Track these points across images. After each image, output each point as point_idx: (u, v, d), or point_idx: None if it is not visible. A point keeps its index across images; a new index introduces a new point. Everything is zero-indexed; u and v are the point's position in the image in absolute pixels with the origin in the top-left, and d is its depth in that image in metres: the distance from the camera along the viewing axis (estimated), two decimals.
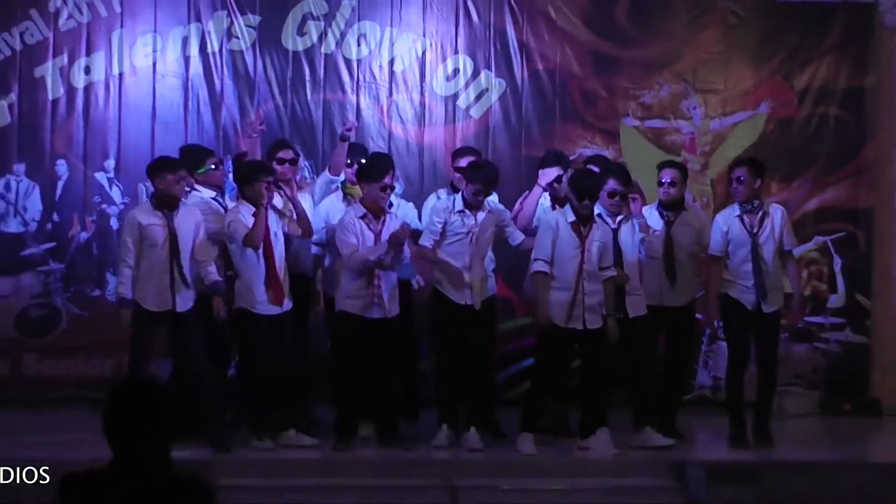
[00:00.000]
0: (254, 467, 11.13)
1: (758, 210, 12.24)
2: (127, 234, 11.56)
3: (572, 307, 11.47)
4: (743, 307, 12.27)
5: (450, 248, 11.68)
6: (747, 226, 12.23)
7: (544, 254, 11.47)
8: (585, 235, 11.45)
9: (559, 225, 11.49)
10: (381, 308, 11.54)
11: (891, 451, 13.10)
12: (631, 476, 11.35)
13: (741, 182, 12.26)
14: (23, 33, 14.09)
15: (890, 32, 15.38)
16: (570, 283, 11.45)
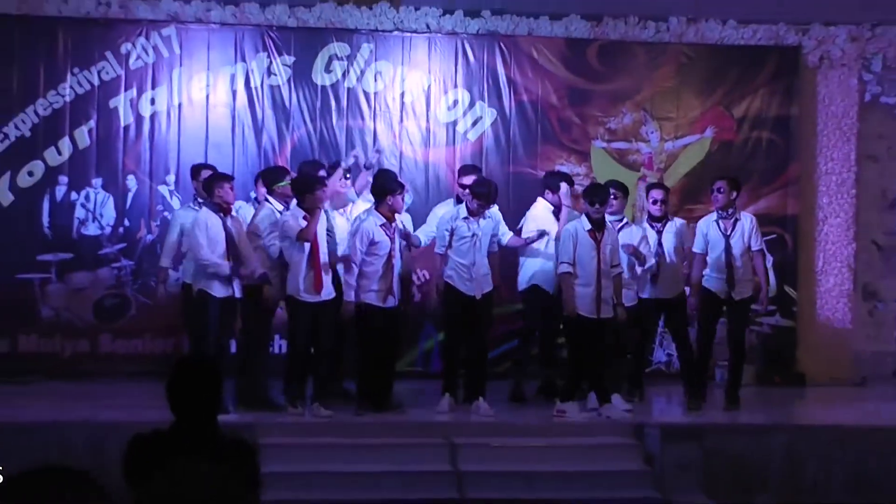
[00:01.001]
0: (290, 428, 11.13)
1: (731, 216, 12.48)
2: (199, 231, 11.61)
3: (598, 301, 11.57)
4: (716, 296, 12.46)
5: (457, 250, 11.70)
6: (722, 229, 12.46)
7: (568, 257, 11.62)
8: (600, 240, 11.61)
9: (578, 232, 11.65)
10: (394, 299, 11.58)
11: (812, 415, 13.13)
12: (599, 436, 11.37)
13: (721, 192, 12.51)
14: (100, 71, 14.06)
15: (811, 71, 15.43)
16: (591, 280, 11.59)
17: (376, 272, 11.51)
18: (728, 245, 12.42)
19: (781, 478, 11.19)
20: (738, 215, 12.58)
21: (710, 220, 12.61)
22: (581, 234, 11.62)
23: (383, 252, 11.49)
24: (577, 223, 11.79)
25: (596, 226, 11.63)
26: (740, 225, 12.49)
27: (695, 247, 12.61)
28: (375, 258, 11.49)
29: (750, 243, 12.46)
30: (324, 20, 14.60)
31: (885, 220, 15.96)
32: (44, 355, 13.79)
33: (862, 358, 15.54)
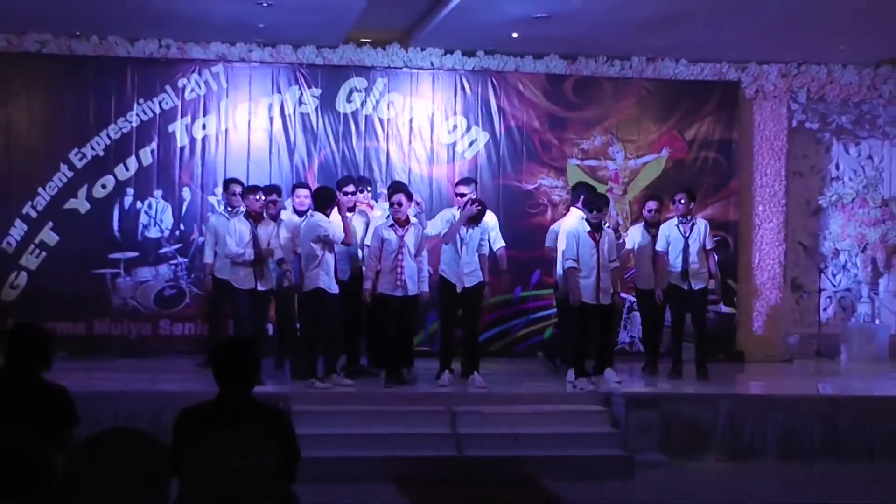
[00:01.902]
0: (317, 398, 11.11)
1: (689, 221, 12.58)
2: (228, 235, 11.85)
3: (597, 290, 11.60)
4: (679, 288, 12.54)
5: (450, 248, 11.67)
6: (682, 231, 12.54)
7: (572, 254, 11.65)
8: (598, 239, 11.63)
9: (580, 233, 11.70)
10: (402, 289, 11.54)
11: (749, 386, 13.08)
12: (575, 403, 11.33)
13: (681, 202, 12.65)
14: (161, 102, 14.07)
15: (749, 102, 15.44)
16: (591, 273, 11.60)
17: (388, 266, 11.50)
18: (686, 245, 12.48)
19: (725, 438, 11.16)
20: (694, 220, 12.67)
21: (672, 224, 12.65)
22: (582, 235, 11.67)
23: (392, 249, 11.47)
24: (578, 226, 11.81)
25: (595, 228, 11.66)
26: (696, 228, 12.58)
27: (658, 246, 12.65)
28: (386, 254, 11.47)
29: (704, 243, 12.54)
30: (346, 59, 14.61)
31: (809, 224, 16.01)
32: (114, 337, 13.81)
33: (790, 339, 15.55)
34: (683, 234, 12.53)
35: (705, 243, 12.56)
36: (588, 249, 11.61)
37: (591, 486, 9.72)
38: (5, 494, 4.98)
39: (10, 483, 5.01)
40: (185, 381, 11.58)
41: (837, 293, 16.07)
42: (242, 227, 11.81)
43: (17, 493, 5.00)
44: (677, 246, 12.52)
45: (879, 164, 16.15)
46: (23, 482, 5.03)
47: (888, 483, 10.42)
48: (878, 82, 15.60)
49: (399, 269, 11.47)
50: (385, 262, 11.50)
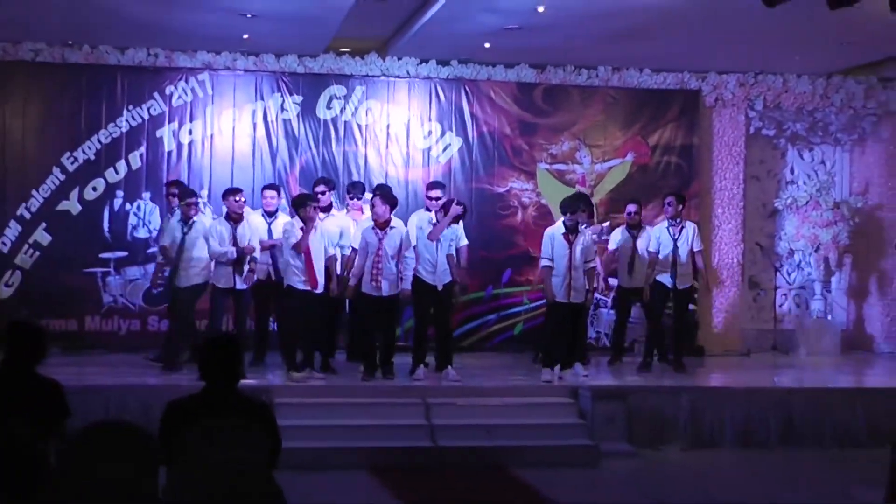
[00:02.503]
0: (298, 391, 11.11)
1: (679, 224, 12.73)
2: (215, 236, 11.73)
3: (568, 289, 11.59)
4: (665, 286, 12.67)
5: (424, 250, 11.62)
6: (671, 233, 12.69)
7: (547, 255, 11.75)
8: (572, 241, 11.63)
9: (555, 235, 11.75)
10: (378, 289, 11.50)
11: (710, 379, 13.12)
12: (544, 396, 11.36)
13: (670, 205, 12.86)
14: (149, 108, 14.01)
15: (709, 109, 15.49)
16: (562, 273, 11.61)
17: (369, 266, 11.49)
18: (675, 246, 12.61)
19: (686, 428, 11.22)
20: (683, 223, 12.81)
21: (662, 226, 12.81)
22: (557, 237, 11.71)
23: (372, 250, 11.45)
24: (554, 228, 11.87)
25: (569, 230, 11.68)
26: (685, 231, 12.74)
27: (650, 248, 12.79)
28: (366, 254, 11.47)
29: (692, 245, 12.69)
30: (326, 67, 14.58)
31: (766, 226, 16.08)
32: (104, 333, 13.75)
33: (748, 335, 15.61)
34: (673, 237, 12.68)
35: (693, 245, 12.71)
36: (561, 251, 11.64)
37: (559, 475, 9.75)
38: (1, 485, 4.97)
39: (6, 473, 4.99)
40: (172, 375, 11.51)
41: (792, 291, 16.16)
42: (223, 229, 11.78)
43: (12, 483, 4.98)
44: (667, 247, 12.65)
45: (831, 169, 16.26)
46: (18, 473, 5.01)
47: (840, 469, 10.50)
48: (830, 92, 15.67)
49: (376, 270, 11.47)
50: (367, 263, 11.51)
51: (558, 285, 11.65)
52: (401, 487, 9.29)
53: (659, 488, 9.79)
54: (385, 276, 11.48)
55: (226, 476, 5.05)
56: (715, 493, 9.69)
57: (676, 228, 12.70)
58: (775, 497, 9.50)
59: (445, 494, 9.30)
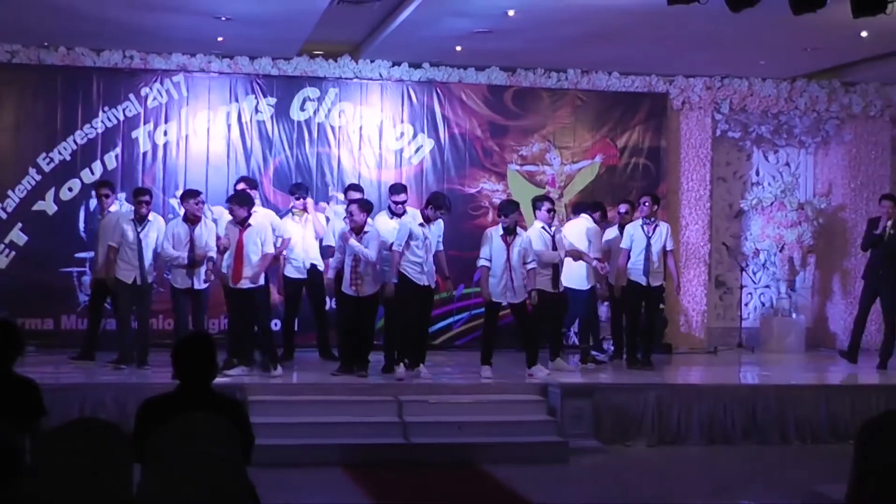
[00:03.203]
0: (272, 388, 11.10)
1: (653, 223, 12.73)
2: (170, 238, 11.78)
3: (504, 288, 11.66)
4: (639, 284, 12.69)
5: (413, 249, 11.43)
6: (645, 232, 12.70)
7: (486, 255, 11.74)
8: (510, 243, 11.63)
9: (493, 237, 11.75)
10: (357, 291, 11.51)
11: (676, 376, 13.15)
12: (513, 393, 11.37)
13: (646, 205, 12.88)
14: (124, 109, 14.00)
15: (676, 112, 15.59)
16: (499, 273, 11.64)
17: (347, 266, 11.50)
18: (649, 245, 12.63)
19: (653, 424, 11.24)
20: (657, 223, 12.85)
21: (637, 224, 12.81)
22: (495, 238, 11.73)
23: (350, 252, 11.45)
24: (493, 229, 11.91)
25: (507, 232, 11.70)
26: (659, 230, 12.77)
27: (623, 244, 12.82)
28: (348, 258, 11.48)
29: (665, 244, 12.71)
30: (299, 70, 14.58)
31: (732, 226, 16.19)
32: (80, 332, 13.56)
33: (714, 333, 15.72)
34: (647, 235, 12.70)
35: (666, 244, 12.75)
36: (499, 252, 11.68)
37: (529, 471, 9.76)
38: None
39: None
40: (147, 373, 11.49)
41: (758, 290, 16.26)
42: (180, 230, 11.74)
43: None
44: (640, 245, 12.68)
45: (796, 171, 16.38)
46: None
47: (803, 465, 10.56)
48: (794, 95, 15.78)
49: (355, 275, 11.47)
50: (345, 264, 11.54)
51: (495, 285, 11.70)
52: (373, 484, 9.29)
53: (625, 484, 9.83)
54: (364, 277, 11.48)
55: (199, 473, 5.05)
56: (679, 488, 9.74)
57: (650, 227, 12.74)
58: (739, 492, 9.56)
59: (417, 491, 9.31)
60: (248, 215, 11.49)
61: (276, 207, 14.00)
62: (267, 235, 11.57)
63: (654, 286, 12.78)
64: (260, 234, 11.49)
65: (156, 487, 5.12)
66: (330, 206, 13.81)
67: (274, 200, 14.16)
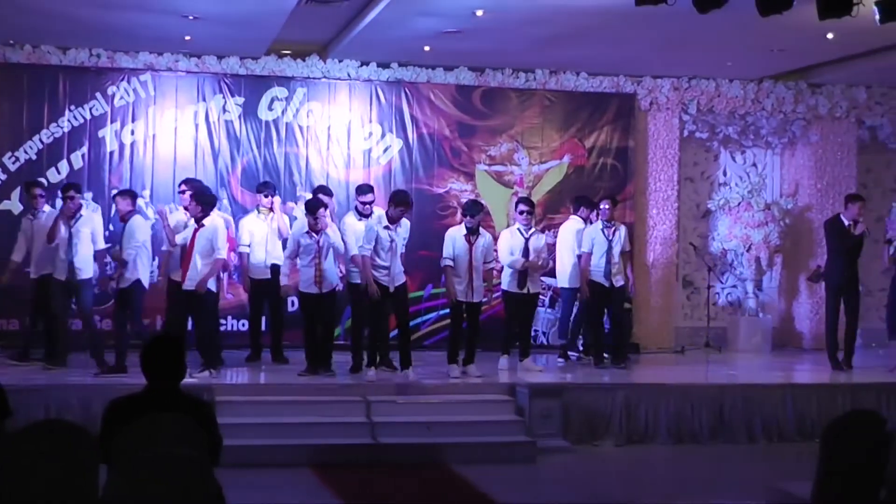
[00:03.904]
0: (239, 389, 11.09)
1: (613, 226, 12.91)
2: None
3: (466, 288, 11.68)
4: (601, 285, 12.83)
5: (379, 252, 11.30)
6: (606, 235, 12.83)
7: (448, 255, 11.79)
8: (473, 242, 11.67)
9: (456, 237, 11.79)
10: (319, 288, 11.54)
11: (644, 375, 13.14)
12: (482, 393, 11.38)
13: (607, 208, 12.96)
14: (91, 108, 13.90)
15: (644, 113, 15.63)
16: (463, 273, 11.66)
17: (306, 267, 11.54)
18: (610, 247, 12.79)
19: (621, 424, 11.29)
20: (616, 225, 13.02)
21: (597, 227, 12.94)
22: (458, 237, 11.76)
23: (311, 252, 11.48)
24: (456, 229, 11.94)
25: (470, 232, 11.73)
26: (618, 232, 12.92)
27: (584, 248, 12.94)
28: (304, 256, 11.54)
29: (623, 246, 12.93)
30: (267, 69, 14.54)
31: (699, 227, 16.26)
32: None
33: (681, 332, 15.79)
34: (607, 238, 12.85)
35: (624, 246, 12.95)
36: (462, 251, 11.71)
37: (497, 471, 9.78)
38: None
39: None
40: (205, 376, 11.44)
41: (725, 289, 16.34)
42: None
43: None
44: (601, 248, 12.82)
45: (763, 171, 16.47)
46: None
47: (769, 463, 10.62)
48: (761, 96, 15.86)
49: (317, 273, 11.52)
50: (303, 264, 11.58)
51: (459, 285, 11.76)
52: (341, 484, 9.28)
53: (594, 483, 9.86)
54: (325, 276, 11.57)
55: (165, 474, 5.03)
56: (647, 488, 9.78)
57: (610, 230, 12.85)
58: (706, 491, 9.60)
59: (386, 491, 9.30)
60: (203, 215, 11.46)
61: (244, 207, 14.04)
62: (217, 239, 11.49)
63: (616, 286, 12.88)
64: (210, 237, 11.44)
65: (122, 489, 5.10)
66: (298, 206, 13.78)
67: (242, 200, 14.15)
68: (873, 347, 14.07)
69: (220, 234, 11.55)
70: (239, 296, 14.08)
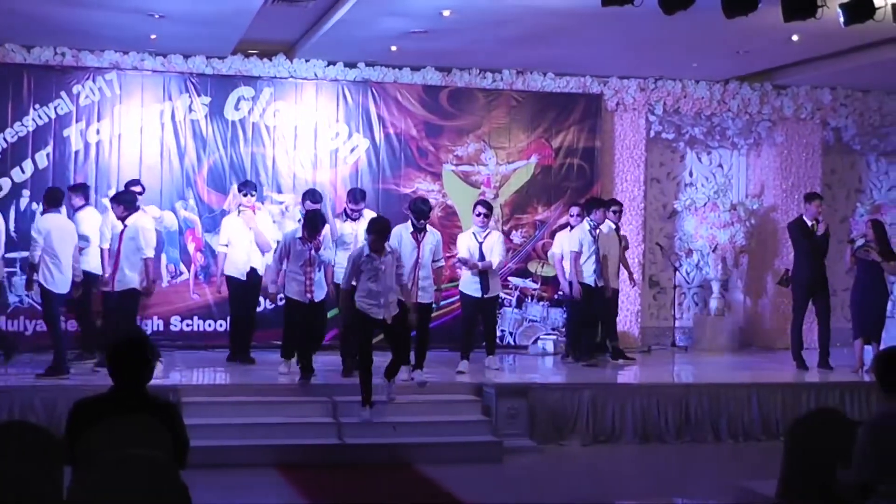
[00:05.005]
0: (205, 390, 11.05)
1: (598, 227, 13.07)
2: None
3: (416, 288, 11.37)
4: (589, 286, 12.96)
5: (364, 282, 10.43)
6: (594, 237, 12.93)
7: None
8: (420, 240, 11.42)
9: (402, 234, 11.44)
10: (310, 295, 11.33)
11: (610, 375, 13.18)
12: (448, 393, 11.38)
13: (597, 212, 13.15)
14: (56, 107, 13.79)
15: (610, 113, 15.67)
16: (409, 272, 11.23)
17: (296, 273, 11.27)
18: (598, 248, 12.95)
19: (588, 423, 11.32)
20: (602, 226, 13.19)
21: (585, 229, 13.03)
22: (405, 235, 11.45)
23: (301, 258, 11.21)
24: (403, 226, 11.53)
25: (417, 230, 11.43)
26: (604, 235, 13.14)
27: (572, 248, 13.02)
28: (294, 262, 11.26)
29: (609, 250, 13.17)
30: (234, 69, 14.49)
31: (666, 227, 16.33)
32: (10, 334, 13.43)
33: (648, 332, 15.85)
34: (594, 238, 12.99)
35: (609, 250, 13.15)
36: (409, 250, 11.37)
37: (464, 471, 9.79)
38: None
39: None
40: (78, 375, 11.35)
41: (691, 289, 16.43)
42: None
43: None
44: (591, 248, 12.93)
45: (728, 172, 16.58)
46: None
47: (735, 462, 10.69)
48: (727, 97, 15.95)
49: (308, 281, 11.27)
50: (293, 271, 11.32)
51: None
52: (308, 485, 9.27)
53: (560, 483, 9.89)
54: (316, 286, 11.34)
55: (131, 475, 5.02)
56: (614, 487, 9.82)
57: (598, 232, 13.00)
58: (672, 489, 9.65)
59: (352, 491, 9.31)
60: (125, 215, 11.41)
61: (210, 207, 14.01)
62: (140, 238, 11.37)
63: (600, 287, 13.06)
64: (133, 236, 11.36)
65: (87, 490, 5.08)
66: (265, 206, 13.77)
67: (208, 200, 14.11)
68: (838, 346, 14.15)
69: (141, 233, 11.42)
70: (205, 296, 14.04)
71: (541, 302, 14.30)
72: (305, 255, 11.22)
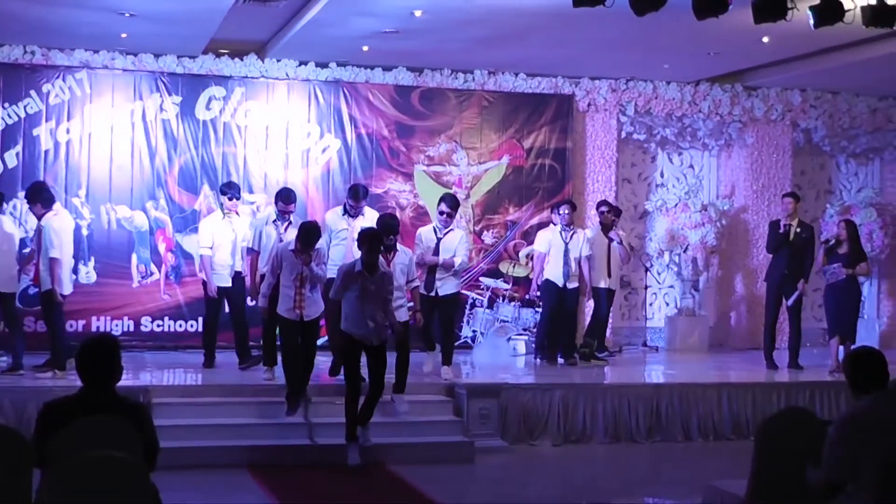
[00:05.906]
0: (176, 391, 11.00)
1: (571, 230, 13.17)
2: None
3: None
4: (556, 285, 13.06)
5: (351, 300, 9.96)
6: (564, 238, 13.08)
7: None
8: (391, 260, 10.78)
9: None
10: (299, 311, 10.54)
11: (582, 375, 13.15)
12: (419, 394, 11.33)
13: (566, 212, 13.21)
14: (26, 106, 13.71)
15: (582, 114, 15.72)
16: None
17: (285, 287, 10.56)
18: (567, 250, 13.00)
19: (559, 423, 11.33)
20: (575, 230, 13.27)
21: (556, 231, 13.20)
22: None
23: (294, 272, 10.47)
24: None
25: (386, 249, 10.54)
26: (576, 237, 13.17)
27: (540, 249, 13.18)
28: (286, 274, 10.51)
29: (581, 251, 13.13)
30: (205, 68, 14.45)
31: (637, 227, 16.37)
32: None
33: (619, 332, 15.90)
34: (565, 241, 13.07)
35: (582, 251, 13.12)
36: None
37: (435, 471, 9.79)
38: None
39: None
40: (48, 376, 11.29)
41: (662, 290, 16.48)
42: None
43: None
44: (559, 250, 13.01)
45: (699, 173, 16.66)
46: None
47: (705, 461, 10.73)
48: (698, 98, 16.02)
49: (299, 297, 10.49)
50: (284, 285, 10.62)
51: None
52: (279, 485, 9.25)
53: (531, 483, 9.90)
54: (307, 302, 10.55)
55: (101, 477, 4.99)
56: (585, 487, 9.83)
57: (568, 234, 13.07)
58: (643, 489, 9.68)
59: (323, 492, 9.29)
60: (43, 213, 11.35)
61: (181, 207, 13.97)
62: (45, 237, 11.27)
63: (569, 288, 13.12)
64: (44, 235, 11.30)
65: (56, 492, 5.05)
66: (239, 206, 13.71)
67: (179, 200, 14.06)
68: (807, 347, 14.24)
69: (47, 232, 11.29)
70: (176, 296, 13.99)
71: (512, 302, 14.30)
72: (298, 268, 10.45)
